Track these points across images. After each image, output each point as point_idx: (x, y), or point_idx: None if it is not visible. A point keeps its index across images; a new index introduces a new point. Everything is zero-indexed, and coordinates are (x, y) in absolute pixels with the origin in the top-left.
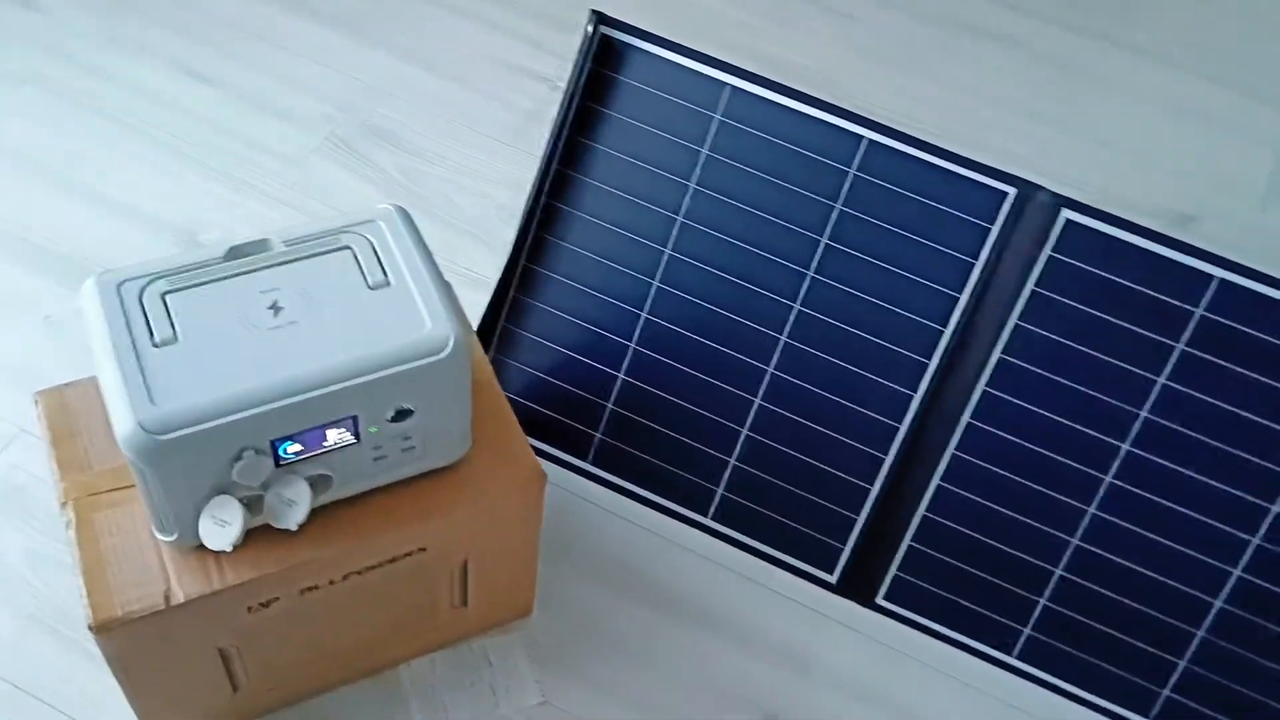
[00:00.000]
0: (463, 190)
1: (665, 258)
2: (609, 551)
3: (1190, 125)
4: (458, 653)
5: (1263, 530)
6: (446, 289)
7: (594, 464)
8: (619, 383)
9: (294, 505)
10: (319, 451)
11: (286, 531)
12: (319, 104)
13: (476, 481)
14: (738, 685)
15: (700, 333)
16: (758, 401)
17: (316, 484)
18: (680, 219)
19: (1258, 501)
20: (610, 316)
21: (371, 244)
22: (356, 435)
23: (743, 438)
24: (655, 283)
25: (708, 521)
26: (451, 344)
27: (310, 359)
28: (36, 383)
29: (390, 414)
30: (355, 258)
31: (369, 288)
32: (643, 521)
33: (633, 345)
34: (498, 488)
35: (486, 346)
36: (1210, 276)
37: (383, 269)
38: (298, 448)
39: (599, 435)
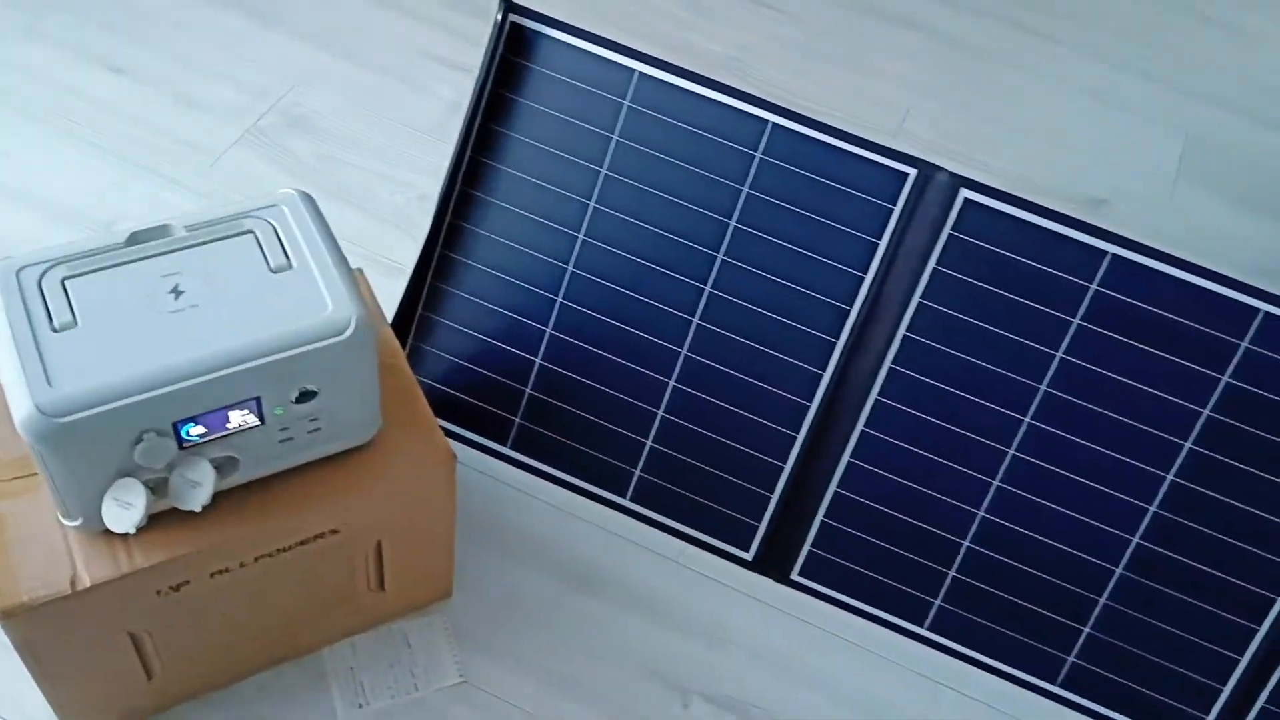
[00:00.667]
0: (383, 179)
1: (579, 243)
2: (529, 534)
3: (1104, 112)
4: (378, 636)
5: (1158, 498)
6: (349, 272)
7: (514, 448)
8: (536, 368)
9: (198, 487)
10: (223, 434)
11: (194, 514)
12: (239, 95)
13: (387, 463)
14: (654, 660)
15: (615, 316)
16: (672, 383)
17: (223, 466)
18: (592, 204)
19: (1154, 471)
20: (527, 302)
21: (274, 228)
22: (261, 417)
23: (658, 419)
24: (570, 268)
25: (626, 502)
26: (353, 325)
27: (211, 341)
28: None
29: (294, 395)
30: (257, 241)
31: (271, 271)
32: (562, 504)
33: (549, 330)
34: (408, 468)
35: (405, 334)
36: (1104, 253)
37: (285, 252)
38: (201, 430)
39: (518, 420)
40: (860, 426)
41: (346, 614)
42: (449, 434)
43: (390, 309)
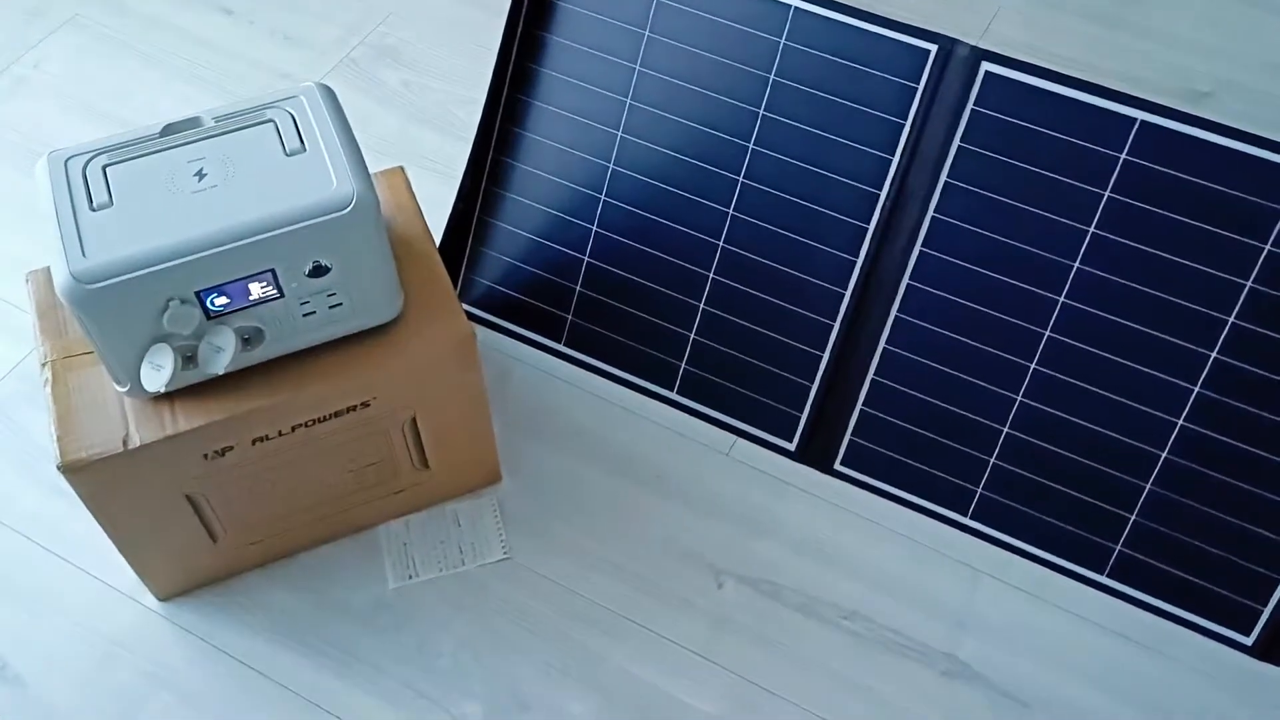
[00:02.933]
0: (463, 102)
1: (618, 140)
2: (581, 426)
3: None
4: (430, 515)
5: (1202, 378)
6: (359, 156)
7: (568, 345)
8: (585, 265)
9: (221, 351)
10: (246, 305)
11: (234, 385)
12: (335, 29)
13: (409, 340)
14: (693, 544)
15: (655, 211)
16: (711, 275)
17: (251, 338)
18: (629, 101)
19: (1196, 349)
20: (573, 201)
21: (292, 116)
22: (280, 290)
23: (700, 312)
24: (611, 165)
25: (673, 395)
26: (355, 201)
27: (226, 217)
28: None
29: (307, 269)
30: (276, 129)
31: (286, 154)
32: (614, 398)
33: (594, 228)
34: (429, 346)
35: (464, 238)
36: (1133, 120)
37: (300, 138)
38: (224, 300)
39: (570, 317)
40: (895, 312)
41: (397, 492)
42: (508, 333)
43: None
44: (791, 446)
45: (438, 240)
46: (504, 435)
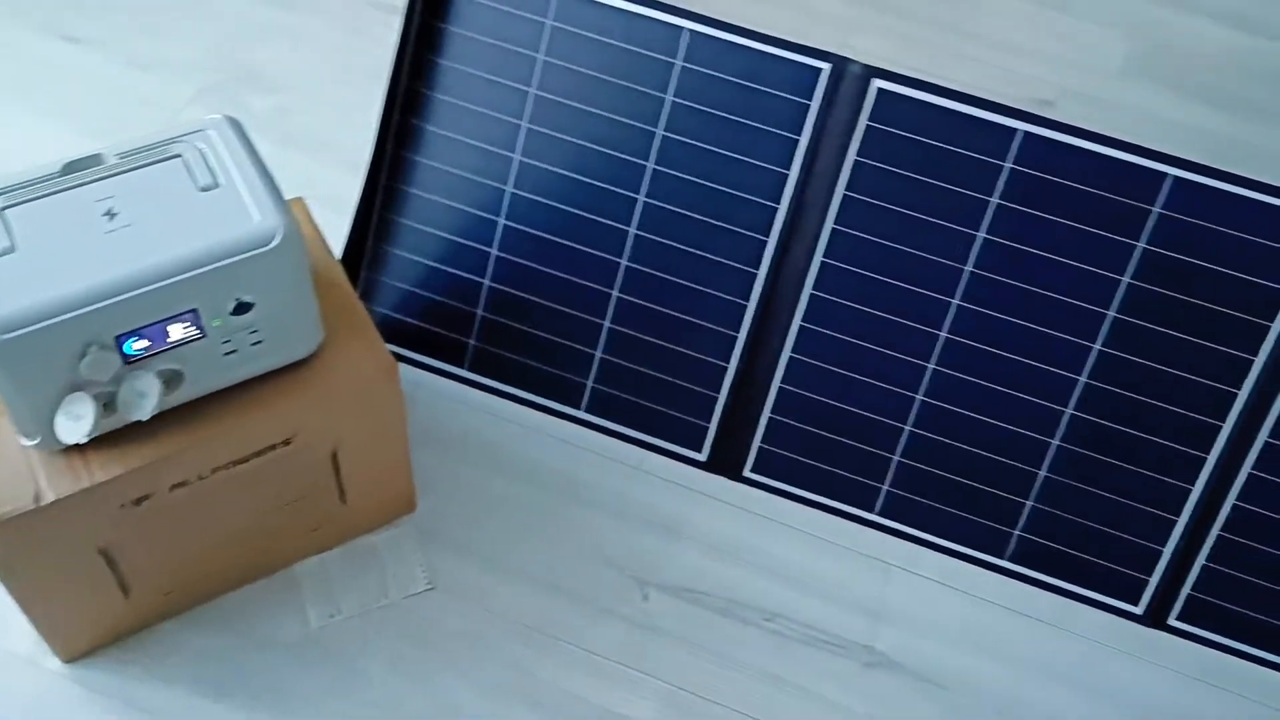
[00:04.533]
0: (334, 125)
1: (515, 164)
2: (493, 449)
3: (1046, 15)
4: (349, 549)
5: (1087, 368)
6: (275, 189)
7: (471, 370)
8: (486, 289)
9: (144, 397)
10: (166, 347)
11: (150, 430)
12: (192, 53)
13: (331, 374)
14: (615, 556)
15: (555, 233)
16: (615, 294)
17: (170, 380)
18: (525, 125)
19: (1081, 341)
20: (471, 226)
21: (201, 151)
22: (201, 329)
23: (605, 330)
24: (509, 189)
25: (582, 414)
26: (280, 235)
27: (143, 257)
28: None
29: (231, 307)
30: (185, 164)
31: (199, 190)
32: (523, 421)
33: (494, 252)
34: (352, 379)
35: (357, 265)
36: (1014, 131)
37: (212, 172)
38: (144, 344)
39: (472, 342)
40: (798, 321)
41: (316, 530)
42: (409, 361)
43: (337, 243)
44: (702, 457)
45: None
46: (416, 462)
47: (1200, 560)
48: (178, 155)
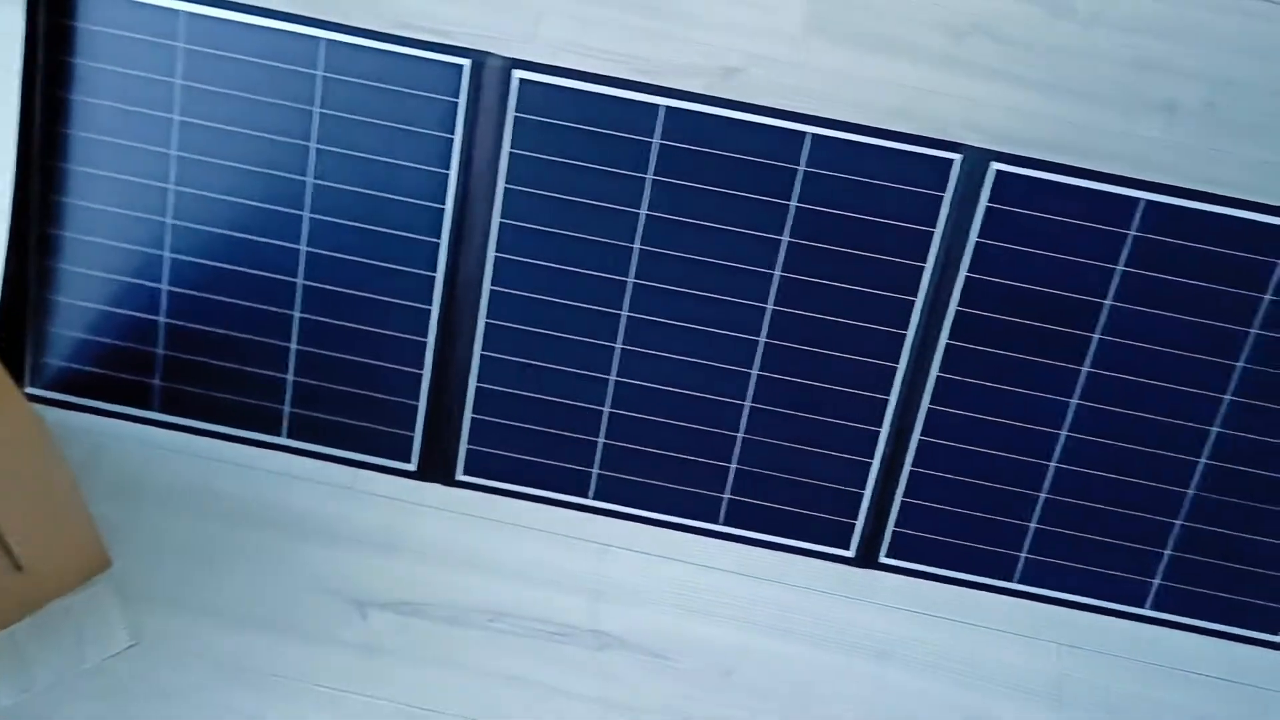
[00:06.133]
0: None
1: (171, 194)
2: (191, 489)
3: None
4: (39, 619)
5: (764, 328)
6: None
7: (162, 411)
8: (162, 326)
9: None
10: None
11: None
12: None
13: None
14: (330, 579)
15: (226, 260)
16: (297, 314)
17: None
18: (174, 152)
19: (753, 303)
20: (135, 263)
21: None
22: None
23: (293, 352)
24: (169, 220)
25: (283, 440)
26: None
27: None
28: None
29: None
30: None
31: None
32: (219, 455)
33: (165, 287)
34: None
35: (22, 317)
36: (657, 107)
37: None
38: None
39: (157, 382)
40: (483, 319)
41: None
42: (93, 410)
43: None
44: (412, 467)
45: None
46: (110, 516)
47: (898, 497)
48: None
